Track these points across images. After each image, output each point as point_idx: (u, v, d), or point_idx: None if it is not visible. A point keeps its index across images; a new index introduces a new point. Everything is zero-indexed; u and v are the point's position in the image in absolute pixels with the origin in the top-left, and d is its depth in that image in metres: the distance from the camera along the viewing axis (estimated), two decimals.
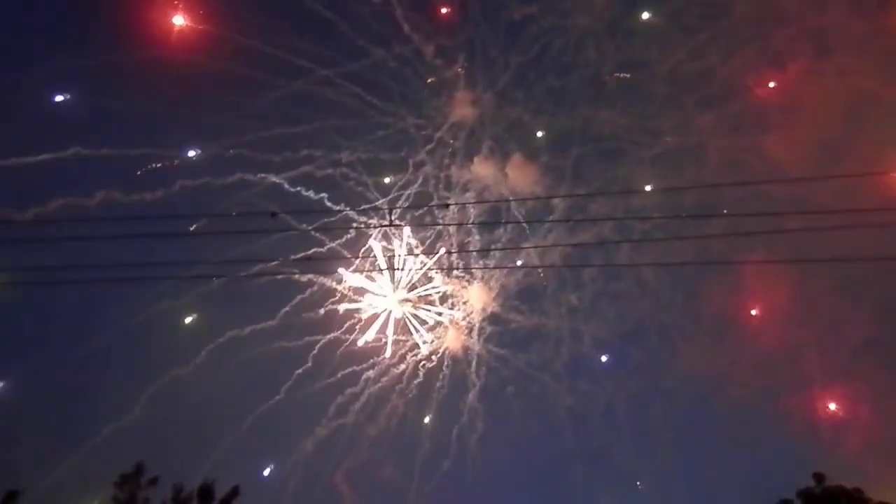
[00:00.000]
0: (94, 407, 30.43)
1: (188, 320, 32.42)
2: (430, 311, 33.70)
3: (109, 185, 25.99)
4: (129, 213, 25.29)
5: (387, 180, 31.74)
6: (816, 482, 20.92)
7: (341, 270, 32.35)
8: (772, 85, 33.37)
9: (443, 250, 33.33)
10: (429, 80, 31.26)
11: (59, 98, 27.49)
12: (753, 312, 34.62)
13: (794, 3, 31.94)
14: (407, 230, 31.93)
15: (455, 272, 34.10)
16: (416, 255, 31.85)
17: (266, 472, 34.47)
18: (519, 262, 34.85)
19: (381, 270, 31.61)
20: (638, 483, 35.90)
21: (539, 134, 33.60)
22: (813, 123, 33.28)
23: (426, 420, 35.15)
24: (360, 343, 33.08)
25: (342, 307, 33.78)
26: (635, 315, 35.83)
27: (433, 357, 35.36)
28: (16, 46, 27.00)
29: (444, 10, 31.09)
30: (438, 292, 33.34)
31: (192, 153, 28.66)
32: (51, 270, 18.68)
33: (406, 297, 33.16)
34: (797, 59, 33.04)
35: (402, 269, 32.42)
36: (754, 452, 34.51)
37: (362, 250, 33.18)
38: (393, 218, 30.74)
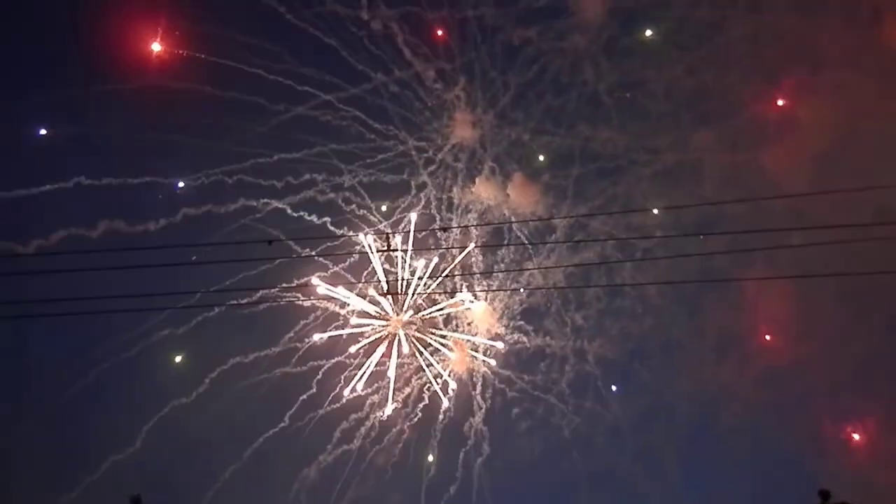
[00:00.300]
0: (94, 440, 30.64)
1: (178, 359, 32.71)
2: (434, 334, 34.08)
3: (112, 214, 26.51)
4: (132, 243, 25.76)
5: (385, 206, 32.32)
6: (822, 500, 21.08)
7: (315, 280, 32.21)
8: (770, 100, 34.04)
9: (446, 271, 33.75)
10: (429, 104, 31.91)
11: (42, 132, 28.05)
12: (767, 337, 35.05)
13: (788, 19, 32.69)
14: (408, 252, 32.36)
15: (460, 294, 34.45)
16: (421, 278, 32.28)
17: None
18: (523, 283, 35.33)
19: (384, 294, 32.02)
20: None
21: (539, 153, 34.20)
22: (811, 138, 33.89)
23: (432, 444, 35.35)
24: (351, 391, 33.42)
25: (345, 331, 34.10)
26: (639, 333, 36.17)
27: (438, 380, 35.63)
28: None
29: (440, 32, 31.80)
30: (444, 313, 33.78)
31: (193, 181, 29.22)
32: (47, 303, 18.92)
33: (410, 320, 33.54)
34: (793, 75, 33.76)
35: (406, 294, 32.85)
36: (760, 470, 34.72)
37: (365, 273, 33.64)
38: (394, 241, 31.18)
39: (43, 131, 27.31)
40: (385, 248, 31.03)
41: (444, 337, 34.81)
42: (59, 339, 29.97)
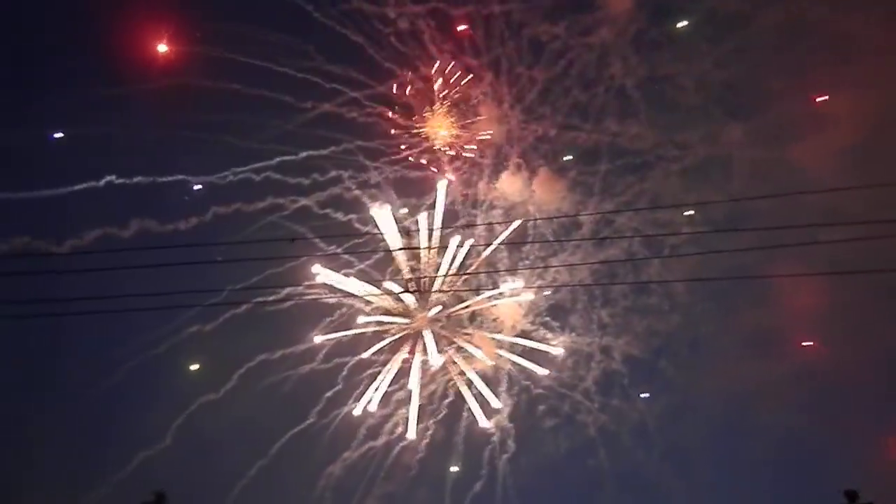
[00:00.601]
0: (124, 436, 31.39)
1: (193, 367, 33.26)
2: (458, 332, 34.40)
3: (143, 212, 27.18)
4: (162, 241, 26.37)
5: (413, 201, 32.70)
6: (849, 500, 21.04)
7: (316, 268, 32.44)
8: (802, 93, 33.82)
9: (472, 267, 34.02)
10: (455, 101, 32.18)
11: (71, 133, 28.67)
12: (805, 343, 34.85)
13: (820, 10, 32.42)
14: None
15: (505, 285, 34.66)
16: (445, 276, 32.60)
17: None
18: (548, 280, 35.52)
19: (410, 291, 32.40)
20: None
21: (566, 148, 34.34)
22: (843, 131, 33.67)
23: (456, 442, 35.72)
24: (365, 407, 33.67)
25: (369, 329, 34.50)
26: (667, 330, 36.20)
27: (462, 375, 35.98)
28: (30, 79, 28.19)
29: (462, 28, 31.99)
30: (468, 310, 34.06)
31: (221, 179, 29.77)
32: (77, 301, 19.28)
33: (435, 317, 33.93)
34: (825, 67, 33.49)
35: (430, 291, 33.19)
36: (789, 469, 34.65)
37: (389, 270, 34.05)
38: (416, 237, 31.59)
39: (72, 133, 27.96)
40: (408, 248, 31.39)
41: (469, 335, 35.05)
42: (88, 338, 30.75)
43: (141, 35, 28.33)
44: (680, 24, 32.95)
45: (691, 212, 31.49)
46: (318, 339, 33.95)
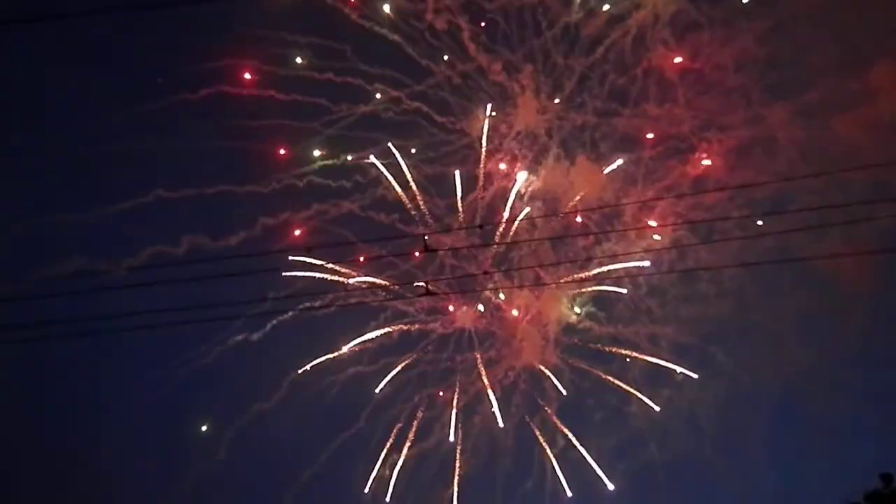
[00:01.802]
0: (180, 451, 32.75)
1: (204, 428, 34.18)
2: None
3: (194, 228, 28.43)
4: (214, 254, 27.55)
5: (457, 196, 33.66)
6: (884, 483, 21.81)
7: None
8: (846, 69, 34.39)
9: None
10: (492, 94, 33.11)
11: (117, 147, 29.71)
12: None
13: None
14: None
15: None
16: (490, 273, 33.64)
17: None
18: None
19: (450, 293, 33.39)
20: None
21: (606, 136, 35.16)
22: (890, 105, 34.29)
23: (505, 437, 36.88)
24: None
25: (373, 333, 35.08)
26: (716, 315, 37.03)
27: (509, 373, 37.11)
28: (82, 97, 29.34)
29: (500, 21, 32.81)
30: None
31: (264, 188, 30.90)
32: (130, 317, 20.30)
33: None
34: (869, 40, 34.02)
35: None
36: (845, 457, 35.52)
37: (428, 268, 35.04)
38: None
39: (115, 148, 29.09)
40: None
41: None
42: (138, 353, 32.04)
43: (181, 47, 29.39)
44: None
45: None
46: (345, 348, 35.04)
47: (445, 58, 31.89)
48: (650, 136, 35.33)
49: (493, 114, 33.53)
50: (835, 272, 36.75)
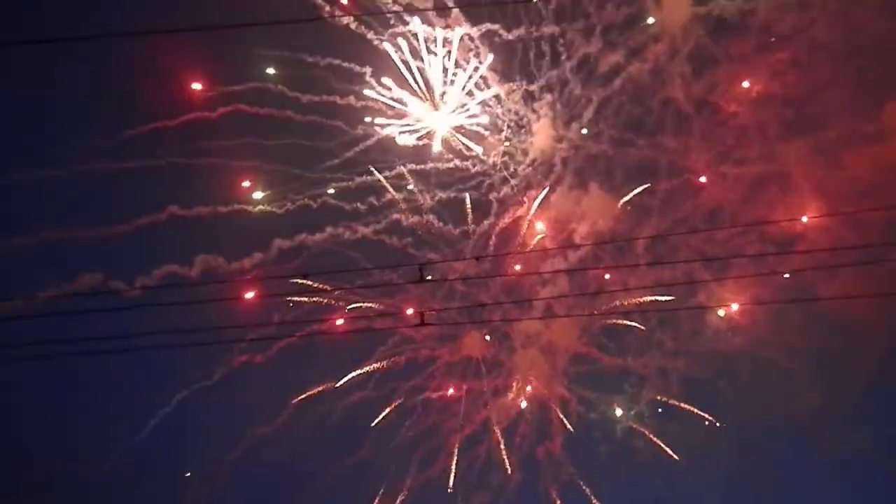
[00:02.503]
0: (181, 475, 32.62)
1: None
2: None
3: (206, 248, 28.72)
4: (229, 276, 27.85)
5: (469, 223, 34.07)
6: None
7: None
8: (861, 107, 34.99)
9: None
10: (508, 122, 33.62)
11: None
12: None
13: (879, 23, 33.60)
14: None
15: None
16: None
17: None
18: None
19: None
20: None
21: (620, 166, 35.68)
22: None
23: (509, 471, 36.97)
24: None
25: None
26: (728, 350, 37.36)
27: (516, 403, 37.27)
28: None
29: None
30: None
31: (278, 208, 31.27)
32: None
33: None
34: (885, 79, 34.70)
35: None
36: (846, 492, 35.75)
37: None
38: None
39: (127, 166, 29.40)
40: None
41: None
42: (139, 373, 32.12)
43: (194, 65, 29.84)
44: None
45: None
46: (343, 380, 35.19)
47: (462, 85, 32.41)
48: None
49: (508, 143, 34.11)
50: (846, 310, 37.02)
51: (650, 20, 33.98)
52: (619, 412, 37.83)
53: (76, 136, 28.23)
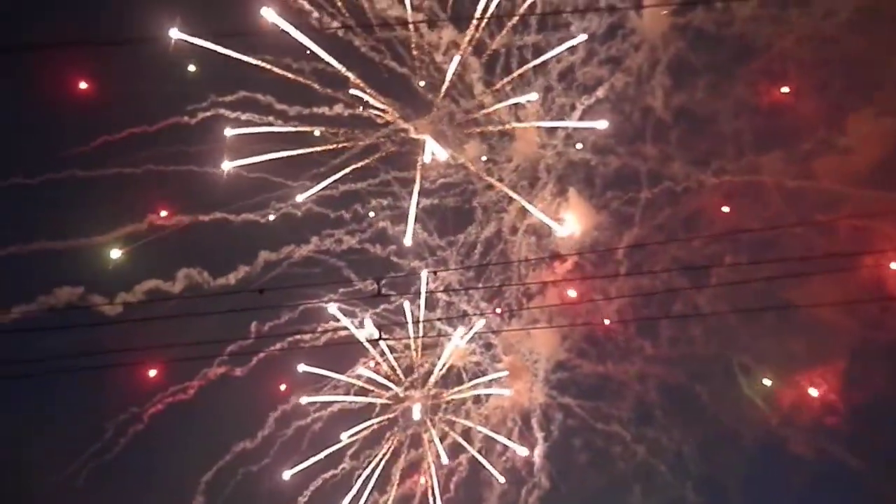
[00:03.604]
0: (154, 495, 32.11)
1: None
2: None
3: (190, 262, 28.40)
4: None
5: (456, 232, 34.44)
6: None
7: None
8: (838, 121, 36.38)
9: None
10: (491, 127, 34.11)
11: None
12: None
13: (854, 42, 34.97)
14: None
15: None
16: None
17: None
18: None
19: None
20: None
21: (602, 174, 36.45)
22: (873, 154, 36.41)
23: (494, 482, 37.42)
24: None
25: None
26: (705, 356, 38.39)
27: (497, 410, 37.72)
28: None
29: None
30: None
31: (260, 217, 31.14)
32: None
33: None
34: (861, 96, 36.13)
35: None
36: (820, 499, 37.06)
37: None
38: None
39: (103, 173, 28.90)
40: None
41: None
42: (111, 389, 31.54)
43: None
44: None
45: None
46: (303, 400, 35.20)
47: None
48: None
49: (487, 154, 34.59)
50: (818, 316, 38.30)
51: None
52: (598, 419, 38.68)
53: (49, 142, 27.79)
